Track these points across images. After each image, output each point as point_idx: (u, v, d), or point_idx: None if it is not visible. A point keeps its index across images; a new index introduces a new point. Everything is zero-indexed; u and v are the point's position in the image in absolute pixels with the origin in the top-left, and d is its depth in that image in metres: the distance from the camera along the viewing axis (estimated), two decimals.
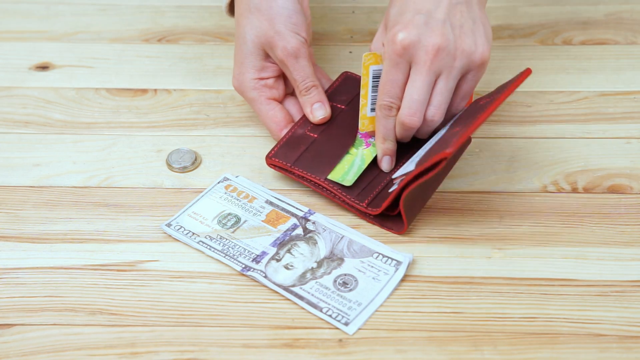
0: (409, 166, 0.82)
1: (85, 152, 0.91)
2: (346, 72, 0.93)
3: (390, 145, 0.84)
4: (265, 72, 0.89)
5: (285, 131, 0.88)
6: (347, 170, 0.84)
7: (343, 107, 0.90)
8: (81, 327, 0.76)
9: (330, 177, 0.84)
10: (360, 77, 0.88)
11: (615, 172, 0.88)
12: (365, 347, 0.74)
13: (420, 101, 0.81)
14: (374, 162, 0.86)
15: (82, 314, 0.77)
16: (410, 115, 0.81)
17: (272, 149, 0.87)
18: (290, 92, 0.92)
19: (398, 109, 0.82)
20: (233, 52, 0.91)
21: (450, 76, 0.81)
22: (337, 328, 0.75)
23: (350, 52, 1.03)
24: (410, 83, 0.81)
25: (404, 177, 0.80)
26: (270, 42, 0.88)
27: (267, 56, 0.89)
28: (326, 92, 0.90)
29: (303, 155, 0.86)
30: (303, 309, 0.76)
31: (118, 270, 0.80)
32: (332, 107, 0.89)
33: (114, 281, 0.79)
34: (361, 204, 0.83)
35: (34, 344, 0.75)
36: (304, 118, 0.89)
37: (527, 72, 0.81)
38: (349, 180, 0.84)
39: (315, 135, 0.87)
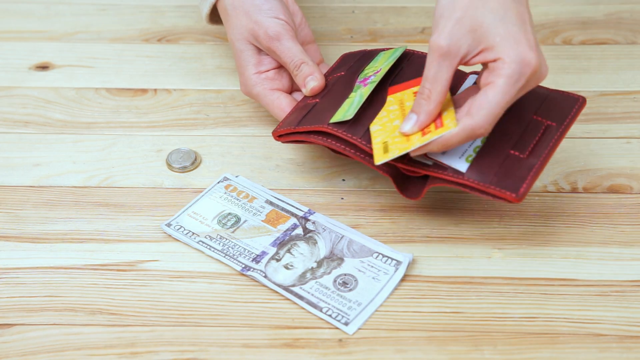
0: (457, 163, 0.78)
1: (85, 152, 0.91)
2: (345, 53, 0.93)
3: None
4: (262, 66, 0.89)
5: None
6: (347, 108, 0.83)
7: (342, 73, 0.89)
8: (81, 327, 0.76)
9: (332, 120, 0.82)
10: (361, 50, 0.89)
11: (615, 172, 0.88)
12: (365, 347, 0.74)
13: (497, 115, 0.76)
14: (376, 101, 0.83)
15: (82, 314, 0.77)
16: (490, 126, 0.76)
17: (277, 125, 0.86)
18: (297, 88, 0.91)
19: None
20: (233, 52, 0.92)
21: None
22: (337, 328, 0.75)
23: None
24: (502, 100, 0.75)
25: (447, 173, 0.78)
26: (253, 33, 0.88)
27: (259, 50, 0.89)
28: (325, 72, 0.90)
29: (306, 117, 0.85)
30: (303, 309, 0.76)
31: (118, 270, 0.80)
32: (332, 78, 0.88)
33: (114, 281, 0.79)
34: (368, 145, 0.80)
35: (34, 344, 0.75)
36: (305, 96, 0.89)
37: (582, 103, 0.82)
38: (349, 115, 0.81)
39: (317, 100, 0.86)
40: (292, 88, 0.91)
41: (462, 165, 0.78)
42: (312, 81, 0.87)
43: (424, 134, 0.77)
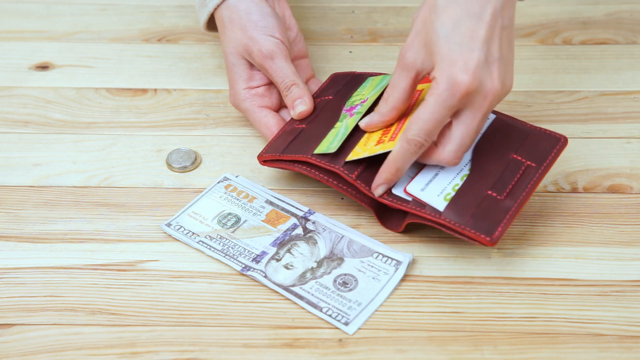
0: (435, 201, 0.80)
1: (85, 152, 0.91)
2: (334, 73, 0.93)
3: (397, 179, 0.80)
4: (253, 81, 0.90)
5: None
6: (332, 140, 0.83)
7: (330, 97, 0.89)
8: (81, 327, 0.76)
9: (316, 151, 0.83)
10: (349, 72, 0.90)
11: (615, 172, 0.88)
12: (365, 347, 0.74)
13: (469, 146, 0.78)
14: (360, 131, 0.84)
15: (82, 314, 0.77)
16: (457, 158, 0.78)
17: (263, 149, 0.87)
18: (285, 105, 0.91)
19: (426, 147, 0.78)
20: None
21: (487, 115, 0.78)
22: (337, 328, 0.75)
23: (350, 52, 1.03)
24: (463, 126, 0.77)
25: (425, 211, 0.79)
26: (247, 49, 0.88)
27: (251, 65, 0.90)
28: (314, 94, 0.90)
29: (292, 144, 0.85)
30: (303, 308, 0.76)
31: (118, 270, 0.80)
32: (320, 101, 0.89)
33: (114, 281, 0.79)
34: (351, 175, 0.81)
35: (34, 344, 0.75)
36: (292, 118, 0.89)
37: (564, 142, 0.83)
38: (333, 148, 0.82)
39: (304, 126, 0.87)
40: (281, 105, 0.91)
41: (440, 204, 0.79)
42: (301, 105, 0.87)
43: (378, 142, 0.81)
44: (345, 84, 0.90)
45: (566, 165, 0.89)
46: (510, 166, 0.81)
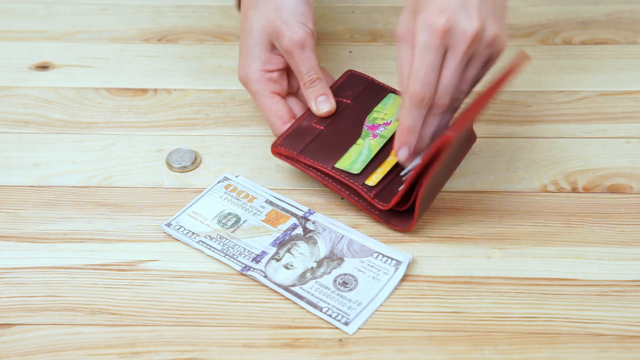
0: (416, 161, 0.82)
1: (85, 152, 0.91)
2: (350, 70, 0.93)
3: (413, 138, 0.81)
4: (270, 64, 0.89)
5: (287, 126, 0.88)
6: (355, 159, 0.84)
7: (349, 102, 0.89)
8: (81, 327, 0.76)
9: (337, 165, 0.84)
10: (364, 75, 0.90)
11: (615, 171, 0.88)
12: (365, 347, 0.74)
13: (454, 86, 0.79)
14: (381, 156, 0.85)
15: (82, 313, 0.77)
16: (442, 98, 0.79)
17: (278, 139, 0.86)
18: (293, 91, 0.91)
19: (430, 99, 0.79)
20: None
21: (478, 62, 0.79)
22: (337, 328, 0.75)
23: (350, 51, 1.03)
24: (444, 67, 0.78)
25: (411, 172, 0.80)
26: (277, 31, 0.87)
27: (273, 47, 0.89)
28: (330, 88, 0.90)
29: (309, 146, 0.85)
30: (303, 308, 0.76)
31: (118, 270, 0.80)
32: (338, 102, 0.89)
33: (114, 281, 0.79)
34: (369, 193, 0.82)
35: (34, 344, 0.75)
36: (309, 111, 0.88)
37: (523, 57, 0.80)
38: (356, 169, 0.83)
39: (322, 128, 0.87)
40: (288, 92, 0.91)
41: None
42: (325, 103, 0.87)
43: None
44: (364, 90, 0.90)
45: (566, 165, 0.89)
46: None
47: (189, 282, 0.79)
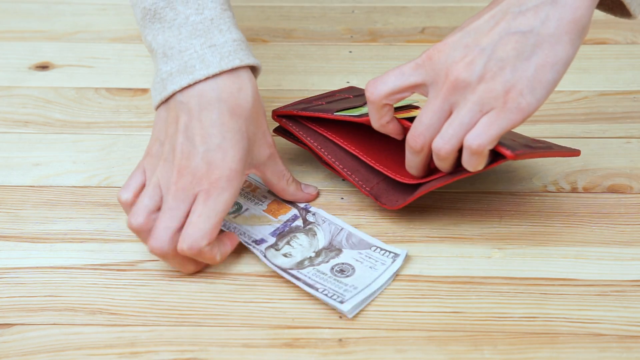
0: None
1: (85, 152, 0.91)
2: (352, 87, 0.93)
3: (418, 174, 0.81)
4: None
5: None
6: (356, 112, 0.83)
7: (350, 97, 0.89)
8: (81, 327, 0.76)
9: (337, 113, 0.83)
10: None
11: (615, 171, 0.88)
12: (365, 347, 0.74)
13: (423, 129, 0.75)
14: None
15: (82, 313, 0.77)
16: (411, 140, 0.77)
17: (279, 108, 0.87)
18: None
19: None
20: None
21: (464, 109, 0.73)
22: (337, 327, 0.75)
23: (350, 51, 1.03)
24: (425, 105, 0.76)
25: (437, 182, 0.80)
26: (256, 137, 0.80)
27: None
28: (333, 94, 0.90)
29: (310, 108, 0.86)
30: (300, 290, 0.76)
31: (118, 270, 0.80)
32: (339, 97, 0.89)
33: (114, 281, 0.79)
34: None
35: (34, 344, 0.75)
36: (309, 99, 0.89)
37: (574, 153, 0.82)
38: (357, 115, 0.82)
39: (323, 103, 0.87)
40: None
41: None
42: (311, 187, 0.86)
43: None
44: (356, 95, 0.90)
45: (566, 165, 0.89)
46: None
47: (188, 282, 0.79)
